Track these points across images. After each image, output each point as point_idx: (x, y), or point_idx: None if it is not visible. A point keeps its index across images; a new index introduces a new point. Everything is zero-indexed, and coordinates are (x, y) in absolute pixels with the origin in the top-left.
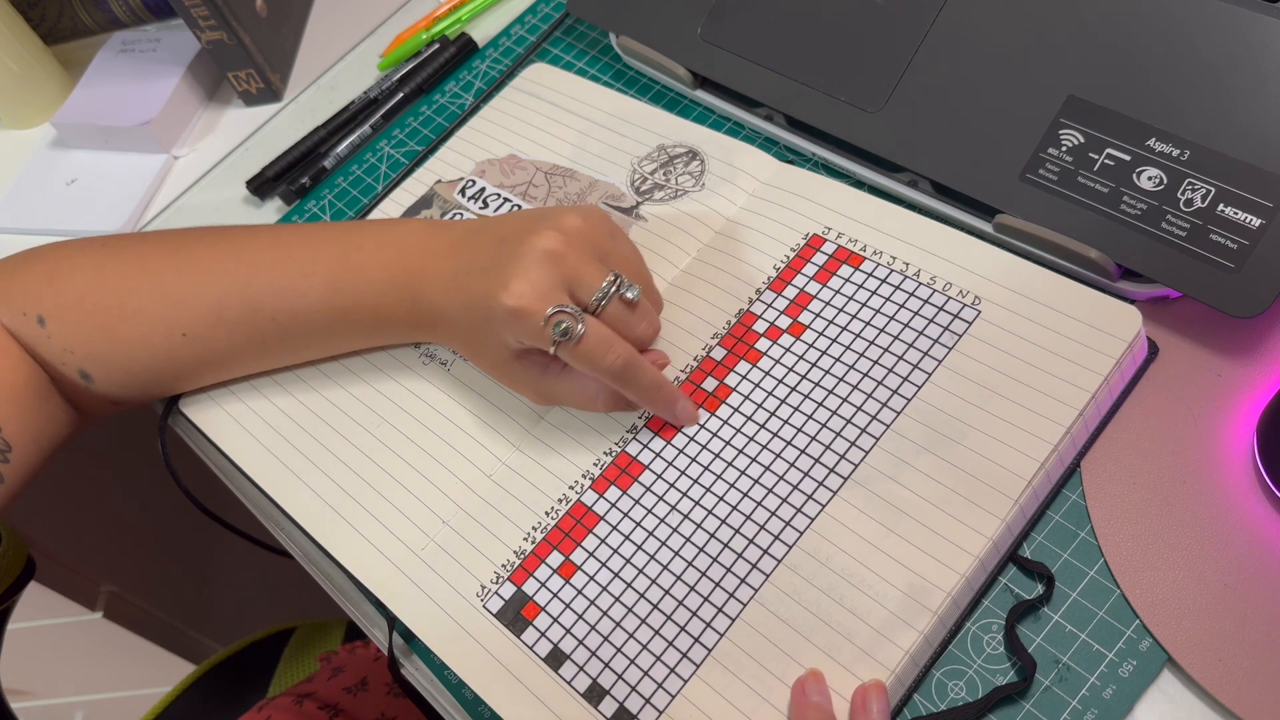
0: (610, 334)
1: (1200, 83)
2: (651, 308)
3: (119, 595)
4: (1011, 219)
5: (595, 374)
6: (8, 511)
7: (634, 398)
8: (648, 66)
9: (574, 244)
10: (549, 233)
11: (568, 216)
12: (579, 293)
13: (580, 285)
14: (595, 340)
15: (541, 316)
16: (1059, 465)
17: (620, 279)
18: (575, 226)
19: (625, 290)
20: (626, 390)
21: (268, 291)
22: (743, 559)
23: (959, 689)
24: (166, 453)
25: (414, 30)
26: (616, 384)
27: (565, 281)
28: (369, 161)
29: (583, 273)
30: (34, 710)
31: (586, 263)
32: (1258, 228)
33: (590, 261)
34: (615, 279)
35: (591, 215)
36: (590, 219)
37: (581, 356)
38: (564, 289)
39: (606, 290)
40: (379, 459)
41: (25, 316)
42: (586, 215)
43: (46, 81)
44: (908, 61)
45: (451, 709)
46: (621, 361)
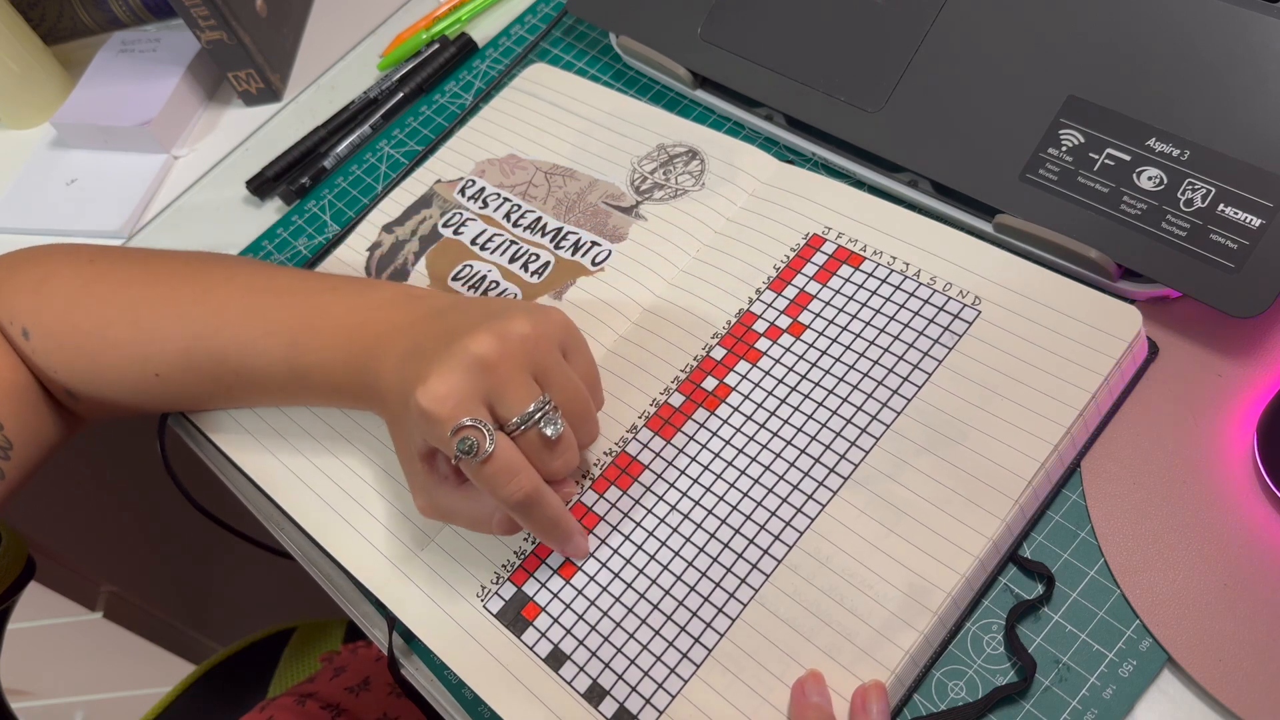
0: (518, 461)
1: (1200, 83)
2: (574, 444)
3: (119, 595)
4: (1011, 219)
5: (494, 498)
6: (7, 508)
7: (528, 528)
8: (648, 66)
9: (509, 354)
10: (485, 337)
11: (517, 321)
12: (499, 409)
13: (502, 402)
14: (500, 465)
15: (450, 426)
16: (1059, 465)
17: (545, 409)
18: (519, 334)
19: (545, 425)
20: (523, 521)
21: (232, 344)
22: (743, 559)
23: (959, 689)
24: (166, 454)
25: (414, 30)
26: (513, 514)
27: (486, 394)
28: (369, 161)
29: (509, 389)
30: (34, 710)
31: (516, 379)
32: (1258, 228)
33: (521, 378)
34: (540, 406)
35: (545, 322)
36: (543, 326)
37: (483, 478)
38: (483, 401)
39: (527, 417)
40: (380, 459)
41: (12, 325)
42: (539, 322)
43: (46, 81)
44: (908, 61)
45: (451, 709)
46: (522, 494)
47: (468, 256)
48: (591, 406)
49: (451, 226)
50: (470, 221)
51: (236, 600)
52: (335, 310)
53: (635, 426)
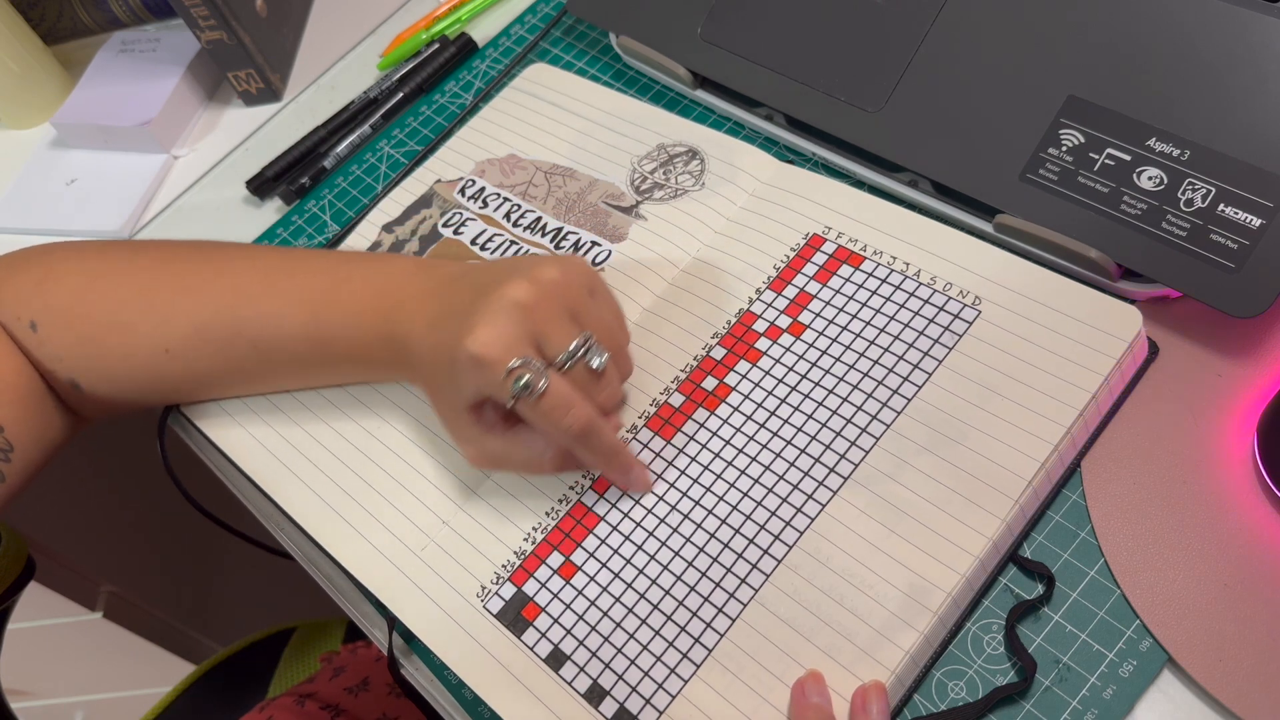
0: (572, 393)
1: (1200, 83)
2: (617, 376)
3: (119, 595)
4: (1012, 219)
5: (553, 433)
6: (7, 511)
7: (588, 461)
8: (648, 66)
9: (546, 297)
10: (521, 283)
11: (546, 268)
12: (546, 349)
13: (548, 342)
14: (556, 398)
15: (504, 368)
16: (1059, 465)
17: (590, 343)
18: (551, 279)
19: (591, 357)
20: (582, 453)
21: (250, 317)
22: (743, 559)
23: (959, 689)
24: (166, 454)
25: (414, 30)
26: (573, 445)
27: (533, 336)
28: (369, 161)
29: (552, 329)
30: (34, 710)
31: (557, 319)
32: (1258, 228)
33: (561, 318)
34: (584, 341)
35: (572, 268)
36: (570, 272)
37: (541, 414)
38: (530, 343)
39: (573, 352)
40: (379, 459)
41: (19, 321)
42: (566, 268)
43: (46, 81)
44: (908, 61)
45: (451, 709)
46: (581, 423)
47: (468, 256)
48: (625, 339)
49: (451, 226)
50: (470, 221)
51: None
52: (353, 281)
53: (635, 426)
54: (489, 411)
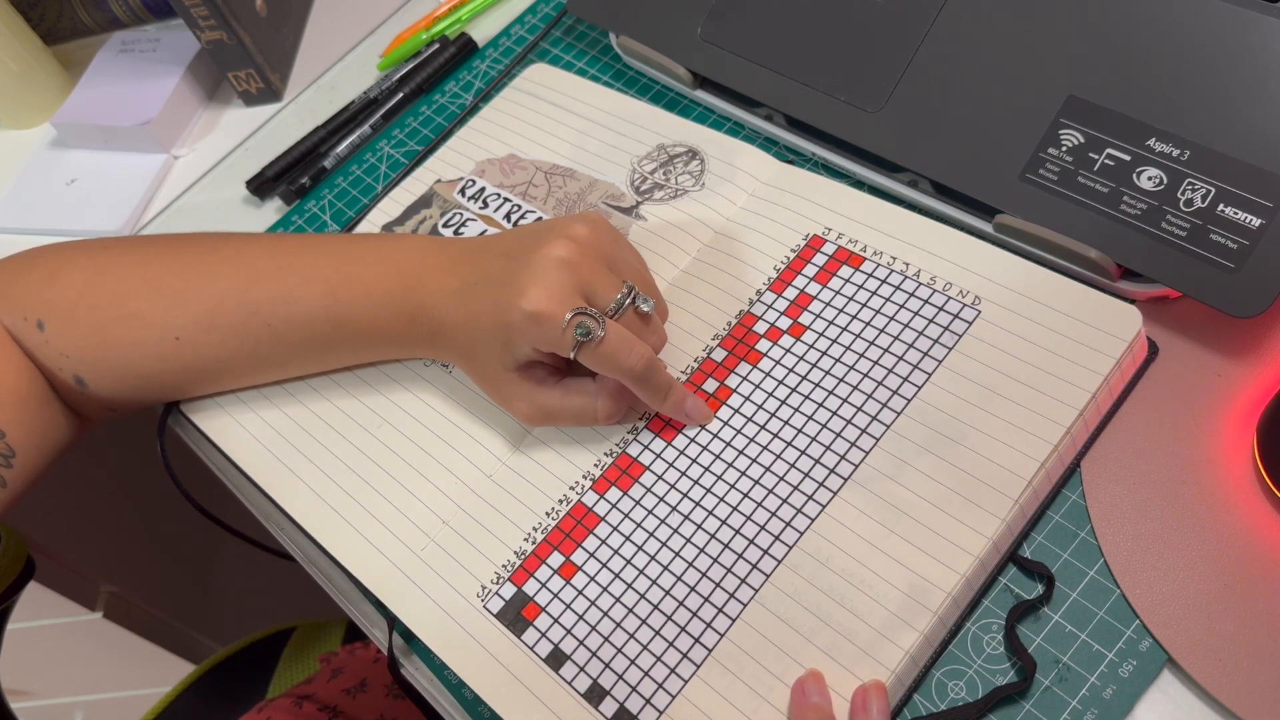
0: (630, 335)
1: (1200, 83)
2: (659, 320)
3: (119, 595)
4: (1011, 219)
5: (616, 375)
6: (8, 516)
7: (650, 398)
8: (648, 66)
9: (586, 252)
10: (561, 241)
11: (576, 225)
12: (595, 300)
13: (596, 293)
14: (618, 341)
15: (562, 320)
16: (1059, 465)
17: (634, 290)
18: (584, 235)
19: (640, 302)
20: (644, 391)
21: (265, 298)
22: (743, 559)
23: (959, 689)
24: (166, 454)
25: (414, 30)
26: (636, 385)
27: (582, 288)
28: (369, 161)
29: (597, 281)
30: (34, 710)
31: (600, 271)
32: (1258, 228)
33: (603, 270)
34: (630, 289)
35: (597, 223)
36: (596, 227)
37: (604, 357)
38: (581, 295)
39: (621, 301)
40: (379, 459)
41: (26, 321)
42: (593, 223)
43: (46, 81)
44: (908, 61)
45: (451, 709)
46: (644, 362)
47: None
48: (654, 281)
49: (451, 226)
50: (470, 221)
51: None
52: (369, 258)
53: (636, 427)
54: (538, 370)
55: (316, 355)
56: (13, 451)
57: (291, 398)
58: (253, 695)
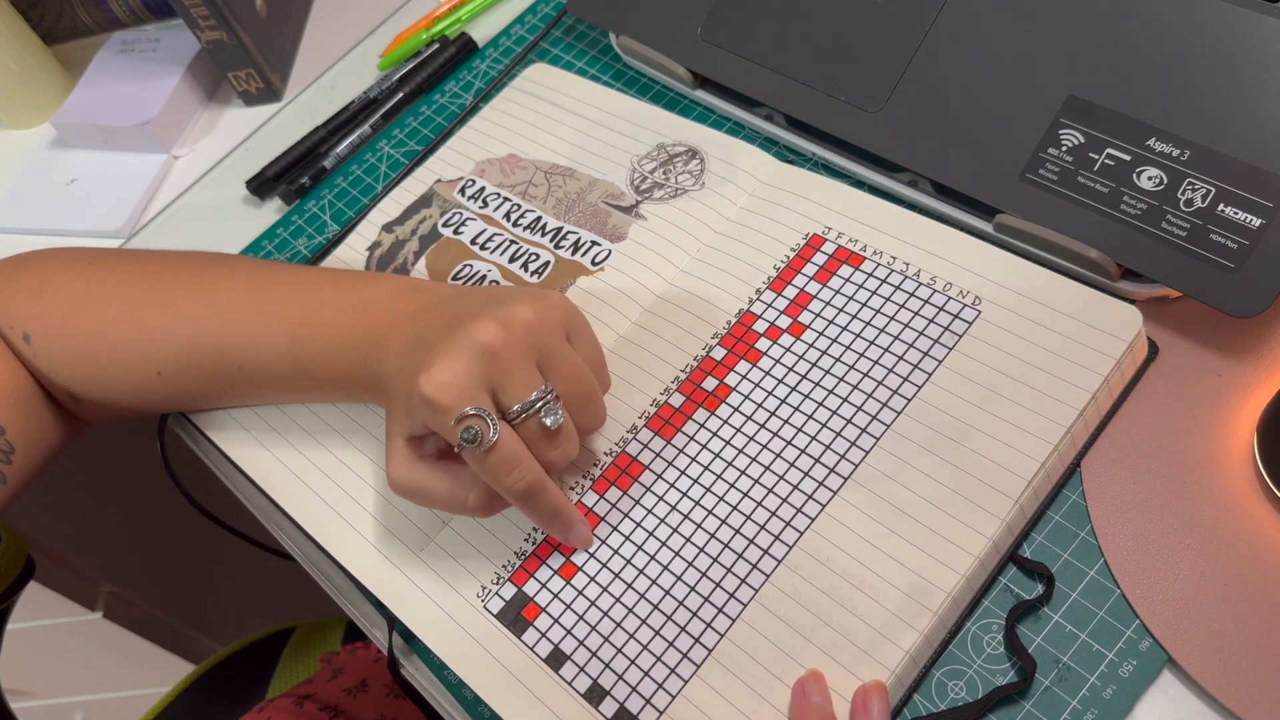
0: (520, 452)
1: (1200, 83)
2: (573, 432)
3: (119, 595)
4: (1011, 219)
5: (495, 488)
6: (7, 513)
7: (530, 517)
8: (648, 66)
9: (512, 341)
10: (488, 324)
11: (520, 308)
12: (502, 397)
13: (505, 390)
14: (503, 454)
15: (454, 415)
16: (1059, 465)
17: (547, 398)
18: (522, 320)
19: (545, 414)
20: (523, 510)
21: (235, 340)
22: (743, 559)
23: (959, 689)
24: (166, 455)
25: (414, 30)
26: (515, 503)
27: (490, 381)
28: (369, 161)
29: (512, 377)
30: (34, 710)
31: (519, 366)
32: (1258, 228)
33: (524, 366)
34: (542, 395)
35: (548, 310)
36: (545, 314)
37: (486, 468)
38: (486, 389)
39: (527, 406)
40: (380, 459)
41: (13, 330)
42: (541, 309)
43: (46, 81)
44: (908, 61)
45: (451, 709)
46: (524, 485)
47: (468, 256)
48: (596, 390)
49: (451, 226)
50: (470, 221)
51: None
52: (336, 302)
53: (635, 427)
54: (428, 445)
55: (286, 394)
56: (12, 448)
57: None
58: (253, 695)
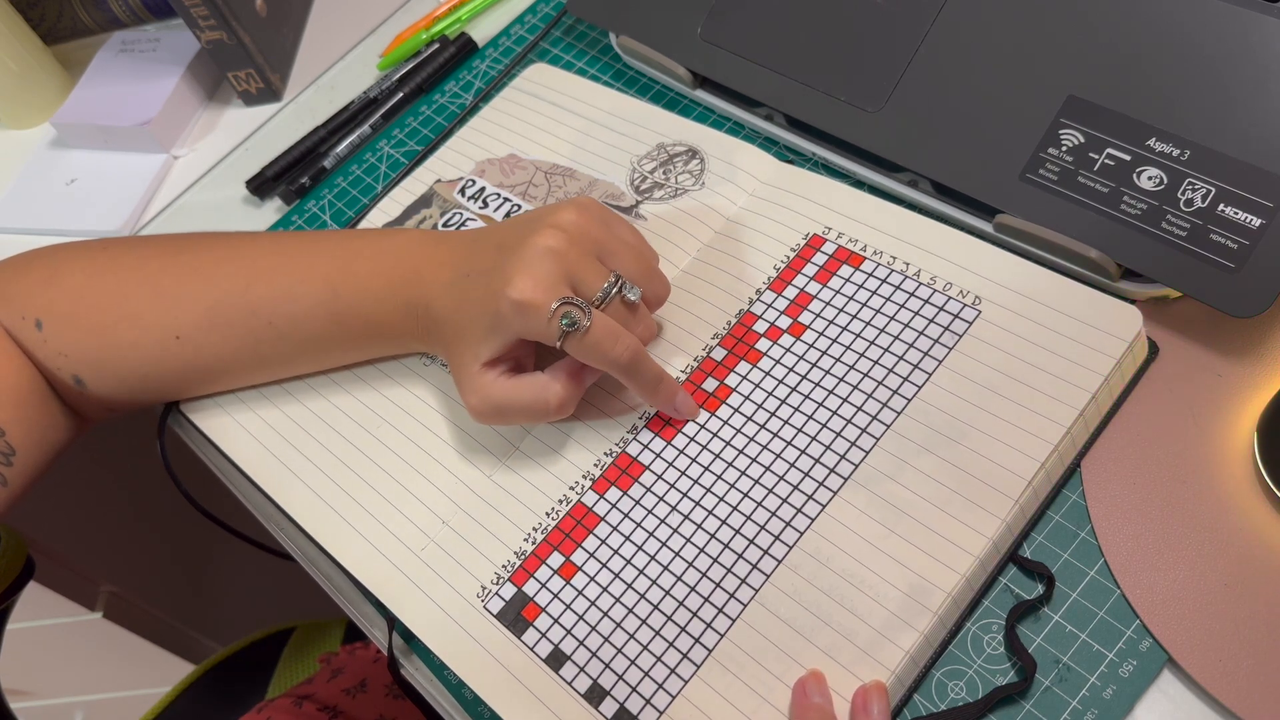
0: (616, 325)
1: (1200, 83)
2: (648, 311)
3: (119, 595)
4: (1011, 219)
5: (603, 366)
6: (9, 515)
7: (638, 390)
8: (648, 66)
9: (574, 241)
10: (549, 230)
11: (564, 212)
12: (581, 289)
13: (582, 283)
14: (603, 331)
15: (549, 309)
16: (1059, 465)
17: (621, 280)
18: (573, 222)
19: (627, 291)
20: (632, 382)
21: (265, 296)
22: (743, 559)
23: (959, 689)
24: (166, 454)
25: (414, 30)
26: (623, 376)
27: (569, 277)
28: (369, 161)
29: (584, 270)
30: (34, 710)
31: (588, 260)
32: (1258, 228)
33: (591, 259)
34: (617, 279)
35: (586, 208)
36: (585, 212)
37: (590, 348)
38: (568, 284)
39: (608, 290)
40: (379, 459)
41: (24, 320)
42: (581, 209)
43: (46, 81)
44: (908, 61)
45: (451, 709)
46: (630, 353)
47: None
48: (654, 262)
49: (451, 226)
50: (470, 221)
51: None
52: (367, 253)
53: (636, 427)
54: (500, 364)
55: (317, 352)
56: (13, 450)
57: (291, 397)
58: (253, 695)
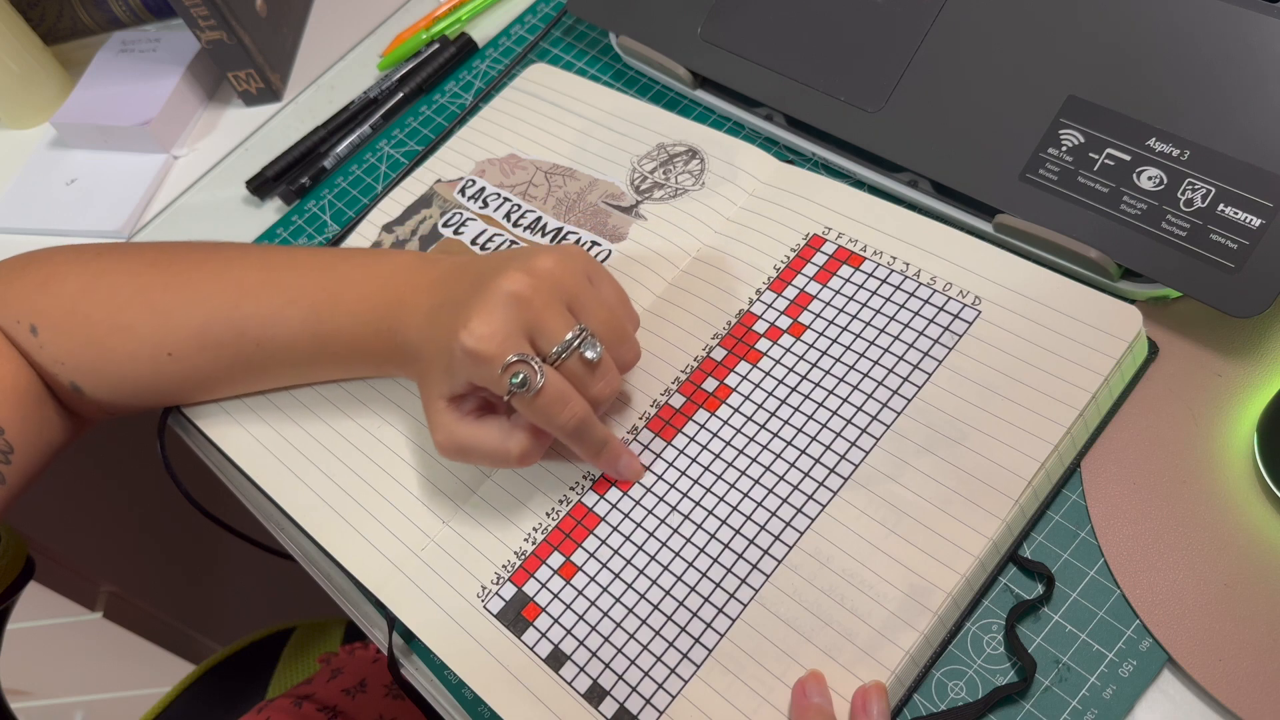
0: (567, 390)
1: (1200, 83)
2: (613, 365)
3: (119, 595)
4: (1011, 219)
5: (547, 429)
6: (8, 513)
7: (582, 454)
8: (648, 66)
9: (542, 288)
10: (516, 274)
11: (541, 258)
12: (540, 341)
13: (542, 334)
14: (553, 395)
15: (500, 363)
16: (1059, 465)
17: (584, 334)
18: (546, 269)
19: (586, 349)
20: (575, 446)
21: (252, 316)
22: (743, 559)
23: (959, 689)
24: (166, 454)
25: (414, 30)
26: (567, 440)
27: (527, 328)
28: (369, 161)
29: (548, 319)
30: (34, 710)
31: (553, 310)
32: (1258, 228)
33: (557, 308)
34: (579, 334)
35: (569, 258)
36: (566, 261)
37: (537, 410)
38: (525, 335)
39: (567, 344)
40: (379, 460)
41: (19, 324)
42: (562, 258)
43: (46, 81)
44: (908, 61)
45: (451, 709)
46: (576, 420)
47: (468, 255)
48: (627, 325)
49: (452, 226)
50: (470, 221)
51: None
52: (354, 276)
53: (636, 428)
54: (467, 404)
55: (302, 371)
56: (11, 448)
57: (292, 398)
58: (252, 695)
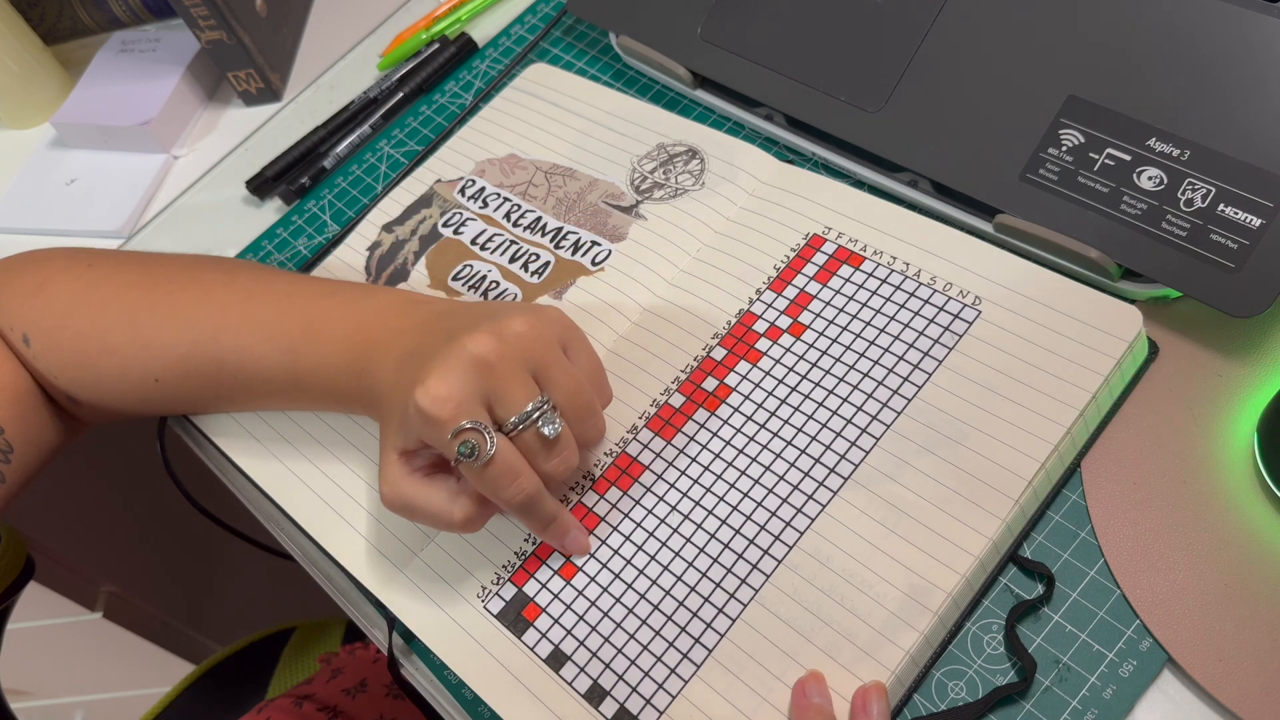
0: (518, 464)
1: (1200, 83)
2: (572, 442)
3: (119, 595)
4: (1011, 219)
5: (493, 500)
6: (7, 512)
7: (526, 526)
8: (648, 66)
9: (508, 354)
10: (483, 336)
11: (514, 320)
12: (498, 409)
13: (501, 402)
14: (502, 468)
15: (451, 428)
16: (1059, 465)
17: (544, 408)
18: (516, 333)
19: (544, 424)
20: (523, 521)
21: (232, 349)
22: (743, 559)
23: (959, 689)
24: (166, 454)
25: (414, 30)
26: (513, 514)
27: (486, 394)
28: (369, 161)
29: (508, 387)
30: (34, 710)
31: (516, 377)
32: (1258, 228)
33: (521, 375)
34: (539, 405)
35: (543, 322)
36: (539, 326)
37: (485, 480)
38: (482, 402)
39: (525, 416)
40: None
41: (13, 332)
42: (536, 322)
43: (46, 81)
44: (908, 61)
45: (451, 709)
46: (523, 497)
47: (468, 256)
48: (594, 402)
49: (451, 226)
50: (470, 221)
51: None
52: (334, 315)
53: (635, 427)
54: (420, 459)
55: (282, 403)
56: (10, 447)
57: None
58: (252, 695)
